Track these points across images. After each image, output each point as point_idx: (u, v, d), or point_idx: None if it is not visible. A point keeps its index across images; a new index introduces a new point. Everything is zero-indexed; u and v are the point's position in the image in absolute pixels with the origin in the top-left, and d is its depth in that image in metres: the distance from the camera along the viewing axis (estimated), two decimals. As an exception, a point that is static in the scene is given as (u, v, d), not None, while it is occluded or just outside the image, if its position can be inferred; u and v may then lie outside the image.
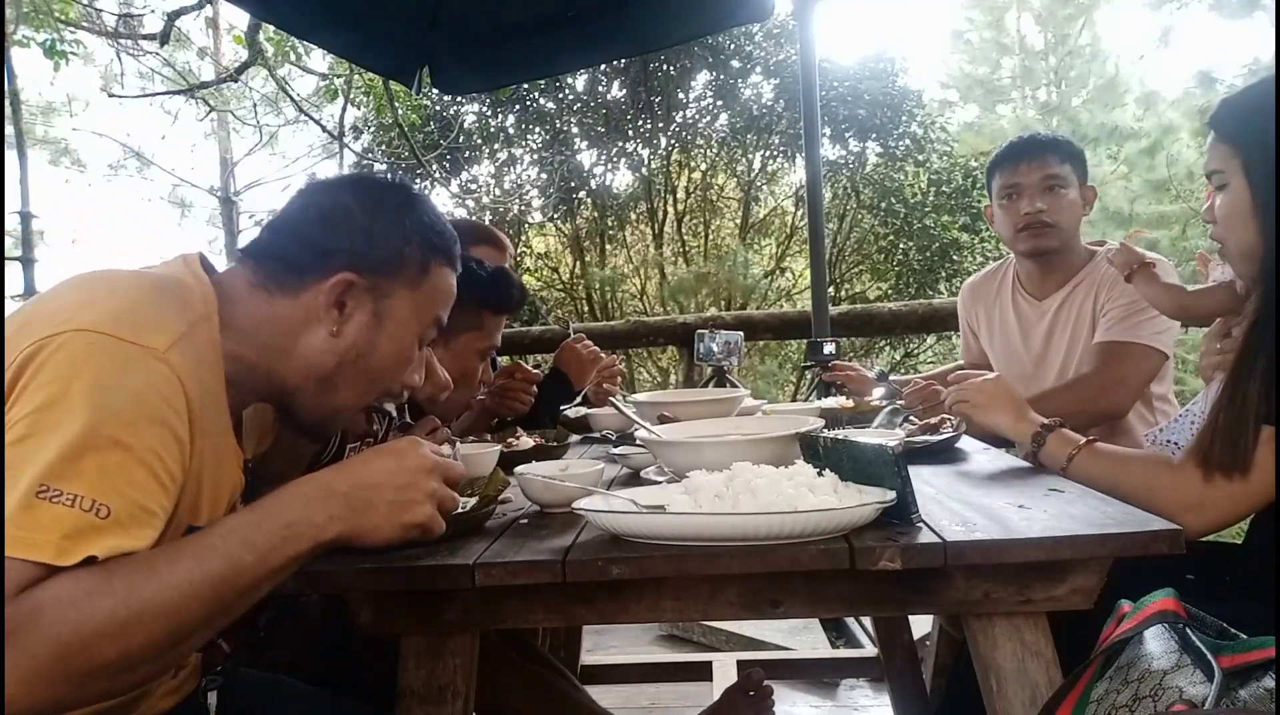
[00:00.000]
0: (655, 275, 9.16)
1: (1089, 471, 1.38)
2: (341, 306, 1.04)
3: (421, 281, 1.09)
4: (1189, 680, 0.88)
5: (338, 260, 1.04)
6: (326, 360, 1.05)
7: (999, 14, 17.66)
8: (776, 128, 8.37)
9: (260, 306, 1.04)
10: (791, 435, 1.32)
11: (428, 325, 1.12)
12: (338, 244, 1.04)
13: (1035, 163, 2.12)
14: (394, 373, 1.11)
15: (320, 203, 1.08)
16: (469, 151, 8.78)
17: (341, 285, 1.03)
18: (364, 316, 1.06)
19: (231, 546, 0.84)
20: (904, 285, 8.17)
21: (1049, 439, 1.45)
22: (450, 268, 1.14)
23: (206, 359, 0.95)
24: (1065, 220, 2.10)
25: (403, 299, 1.08)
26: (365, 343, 1.06)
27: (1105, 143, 12.58)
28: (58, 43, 6.47)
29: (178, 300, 0.95)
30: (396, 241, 1.07)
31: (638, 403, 1.93)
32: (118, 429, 0.81)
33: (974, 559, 1.02)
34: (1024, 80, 17.40)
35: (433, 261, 1.10)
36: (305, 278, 1.04)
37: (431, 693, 1.12)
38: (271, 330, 1.04)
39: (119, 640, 0.76)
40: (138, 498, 0.82)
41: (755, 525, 1.01)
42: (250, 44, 6.63)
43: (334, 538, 0.90)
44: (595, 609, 1.12)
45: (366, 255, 1.05)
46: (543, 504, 1.30)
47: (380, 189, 1.11)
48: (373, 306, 1.06)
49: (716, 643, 3.23)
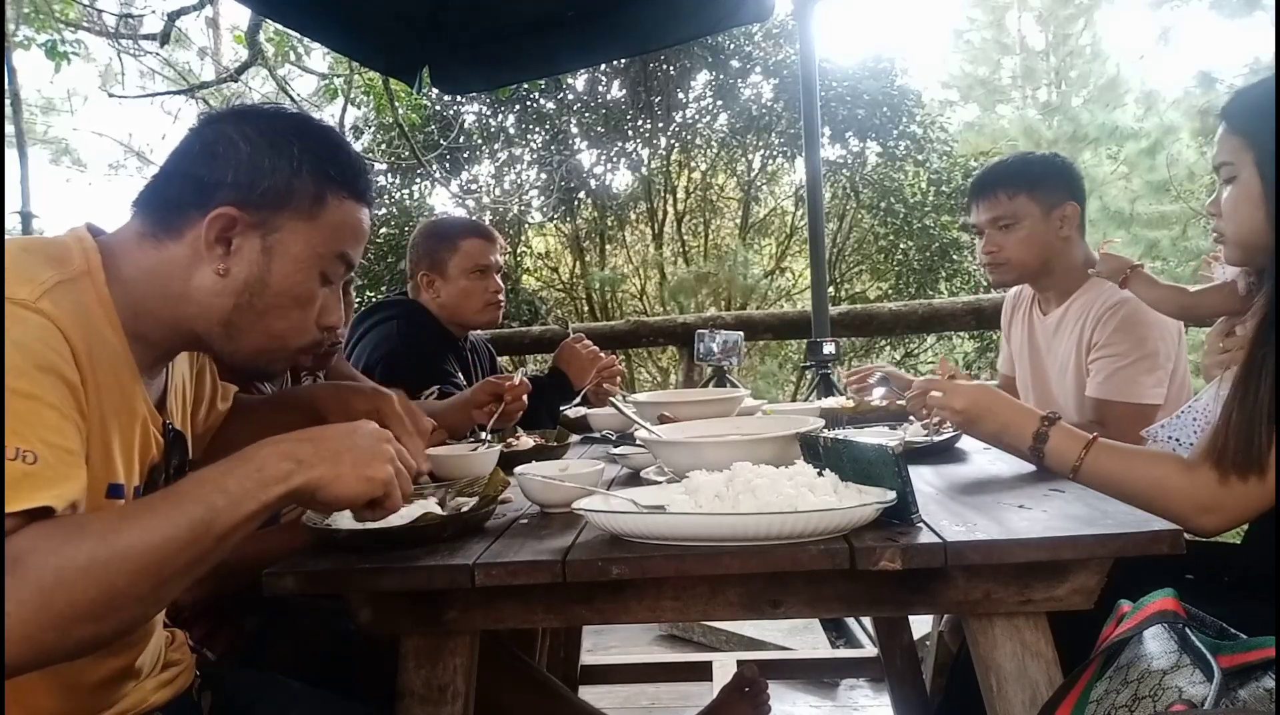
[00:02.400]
0: (655, 275, 9.16)
1: (1101, 469, 1.33)
2: (227, 244, 1.00)
3: (317, 213, 1.03)
4: (1189, 680, 0.88)
5: (220, 194, 0.99)
6: (222, 302, 1.01)
7: (999, 14, 17.67)
8: (776, 128, 8.38)
9: (148, 254, 1.00)
10: (791, 435, 1.32)
11: (330, 261, 1.06)
12: (219, 177, 0.99)
13: (984, 203, 2.12)
14: (298, 311, 1.06)
15: (204, 136, 1.03)
16: (469, 151, 8.79)
17: (222, 220, 0.99)
18: (252, 253, 1.01)
19: (204, 493, 0.85)
20: (904, 285, 8.17)
21: (1052, 434, 1.38)
22: (355, 201, 1.08)
23: (92, 312, 0.94)
24: (1019, 255, 2.08)
25: (295, 233, 1.02)
26: (257, 281, 1.01)
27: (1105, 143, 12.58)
28: (59, 44, 6.46)
29: (47, 256, 0.94)
30: (284, 172, 1.01)
31: (638, 403, 1.93)
32: (13, 379, 0.81)
33: (974, 559, 1.02)
34: (1024, 80, 17.41)
35: (329, 193, 1.04)
36: (189, 217, 0.99)
37: (431, 693, 1.12)
38: (163, 277, 1.00)
39: (100, 579, 0.77)
40: (57, 440, 0.83)
41: (755, 525, 1.01)
42: (250, 44, 6.62)
43: (302, 484, 0.90)
44: (595, 609, 1.12)
45: (249, 187, 1.00)
46: (543, 504, 1.30)
47: (268, 118, 1.05)
48: (260, 242, 1.01)
49: (716, 643, 3.23)
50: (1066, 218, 2.06)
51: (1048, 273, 2.12)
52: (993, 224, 2.10)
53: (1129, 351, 1.90)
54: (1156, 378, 1.90)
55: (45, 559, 0.75)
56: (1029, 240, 2.07)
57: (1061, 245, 2.08)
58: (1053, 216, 2.06)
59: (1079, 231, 2.10)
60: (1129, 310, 1.93)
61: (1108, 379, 1.93)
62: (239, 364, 1.10)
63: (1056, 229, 2.06)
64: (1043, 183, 2.07)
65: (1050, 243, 2.07)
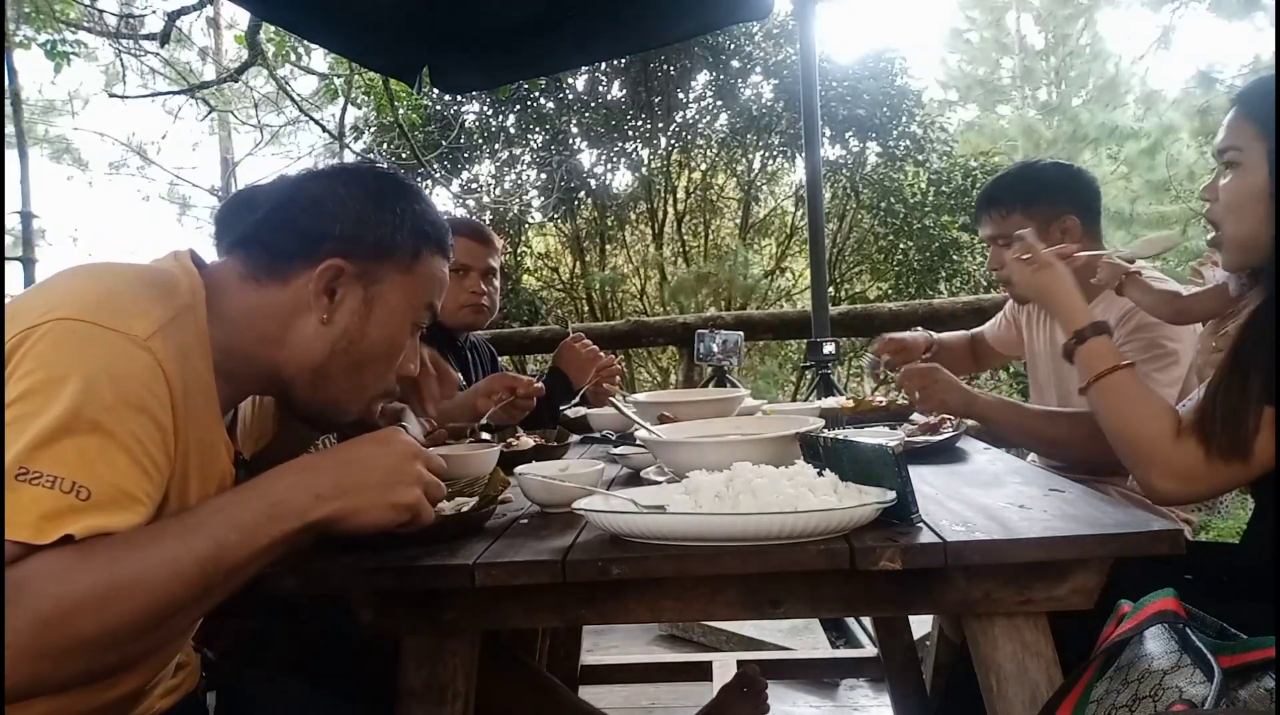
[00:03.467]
0: (655, 275, 9.17)
1: (1113, 393, 1.33)
2: (332, 293, 1.04)
3: (413, 267, 1.09)
4: (1189, 680, 0.88)
5: (327, 246, 1.03)
6: (319, 347, 1.04)
7: (999, 13, 17.66)
8: (776, 128, 8.38)
9: (250, 296, 1.03)
10: (791, 435, 1.32)
11: (420, 313, 1.12)
12: (328, 230, 1.04)
13: (983, 219, 2.11)
14: (386, 360, 1.10)
15: (310, 190, 1.07)
16: (469, 151, 8.79)
17: (331, 271, 1.03)
18: (355, 303, 1.05)
19: (216, 525, 0.84)
20: (904, 285, 8.17)
21: (1098, 339, 1.39)
22: (442, 256, 1.14)
23: (193, 349, 0.95)
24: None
25: (394, 285, 1.07)
26: (356, 330, 1.06)
27: (1105, 143, 12.58)
28: (59, 44, 6.47)
29: (162, 290, 0.95)
30: (387, 228, 1.06)
31: (638, 403, 1.93)
32: (98, 413, 0.81)
33: (974, 559, 1.02)
34: (1024, 80, 17.40)
35: (424, 249, 1.10)
36: (295, 265, 1.03)
37: (431, 693, 1.12)
38: (262, 320, 1.03)
39: (99, 614, 0.76)
40: (119, 482, 0.82)
41: (755, 525, 1.01)
42: (251, 44, 6.63)
43: (322, 518, 0.90)
44: (595, 609, 1.12)
45: (357, 241, 1.04)
46: (543, 504, 1.30)
47: (371, 177, 1.11)
48: (363, 293, 1.06)
49: (716, 643, 3.23)
50: (1067, 230, 1.98)
51: None
52: (993, 242, 2.08)
53: (1145, 348, 1.88)
54: (1172, 377, 1.88)
55: (45, 586, 0.75)
56: None
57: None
58: (1051, 231, 1.99)
59: (1087, 240, 2.02)
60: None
61: None
62: (313, 411, 1.12)
63: (1057, 242, 1.96)
64: (1038, 197, 2.01)
65: None
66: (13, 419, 0.79)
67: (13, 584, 0.74)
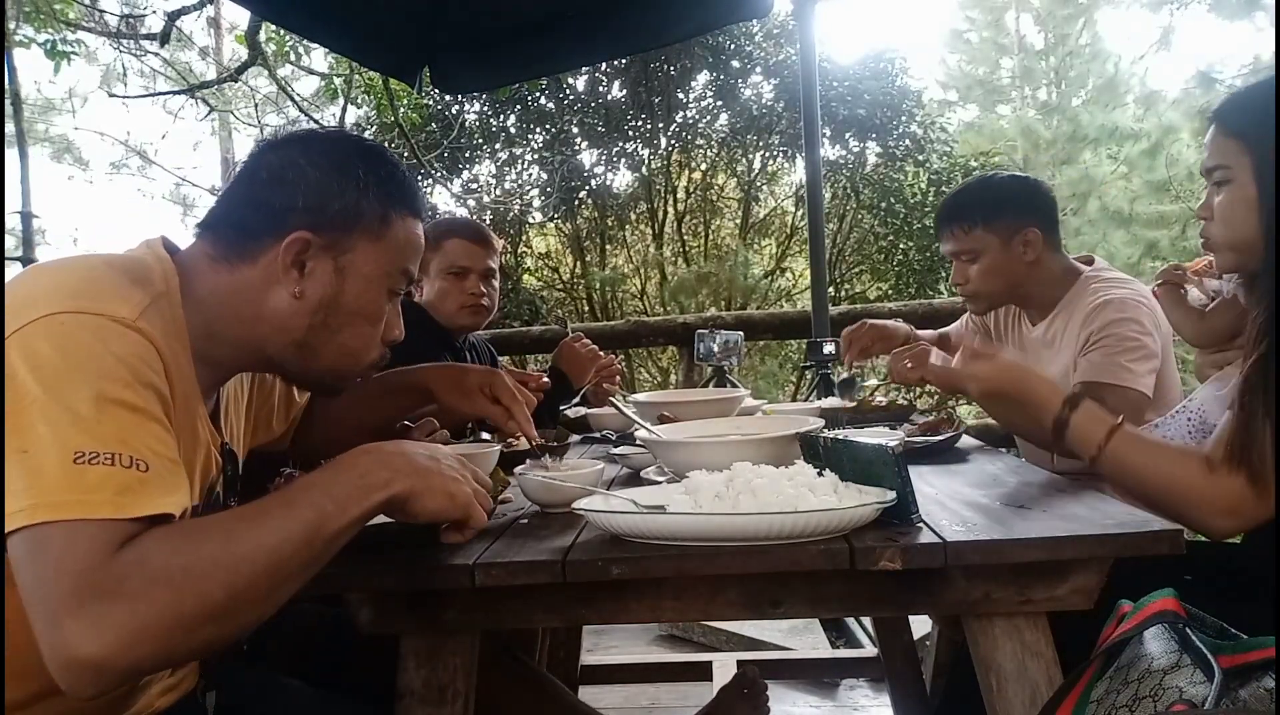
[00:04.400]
0: (655, 275, 9.17)
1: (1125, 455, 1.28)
2: (301, 267, 1.03)
3: (383, 233, 1.07)
4: (1189, 680, 0.88)
5: (292, 219, 1.02)
6: (296, 322, 1.04)
7: (998, 14, 17.66)
8: (776, 128, 8.38)
9: (222, 277, 1.02)
10: (791, 435, 1.32)
11: (396, 277, 1.10)
12: (291, 203, 1.02)
13: (945, 236, 2.12)
14: (368, 328, 1.10)
15: (271, 163, 1.05)
16: (470, 151, 8.78)
17: (298, 244, 1.01)
18: (326, 274, 1.04)
19: (314, 498, 0.88)
20: (904, 285, 8.17)
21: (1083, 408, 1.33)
22: (414, 217, 1.12)
23: (172, 333, 0.96)
24: (985, 287, 2.08)
25: (365, 253, 1.06)
26: (330, 301, 1.05)
27: (1105, 143, 12.59)
28: (59, 43, 6.46)
29: (135, 276, 0.95)
30: (352, 195, 1.04)
31: (638, 403, 1.93)
32: (119, 391, 0.83)
33: (974, 559, 1.02)
34: (1024, 80, 17.40)
35: (393, 213, 1.08)
36: (262, 242, 1.02)
37: (431, 693, 1.12)
38: (236, 300, 1.03)
39: (224, 580, 0.79)
40: (162, 451, 0.85)
41: (755, 525, 1.01)
42: (251, 44, 6.62)
43: (399, 492, 0.93)
44: (595, 609, 1.12)
45: (322, 211, 1.03)
46: (543, 504, 1.30)
47: (331, 143, 1.09)
48: (334, 263, 1.04)
49: (716, 643, 3.23)
50: (1029, 243, 2.02)
51: (1023, 293, 2.11)
52: (955, 257, 2.10)
53: (1119, 341, 1.90)
54: (1148, 367, 1.89)
55: (173, 559, 0.77)
56: (991, 271, 2.05)
57: (1029, 269, 2.05)
58: (1013, 244, 2.02)
59: (1050, 249, 2.06)
60: (1117, 305, 1.93)
61: (1095, 364, 1.92)
62: (310, 382, 1.15)
63: (1020, 256, 2.03)
64: (999, 212, 2.03)
65: (1015, 270, 2.05)
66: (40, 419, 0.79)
67: (136, 558, 0.76)
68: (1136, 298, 1.96)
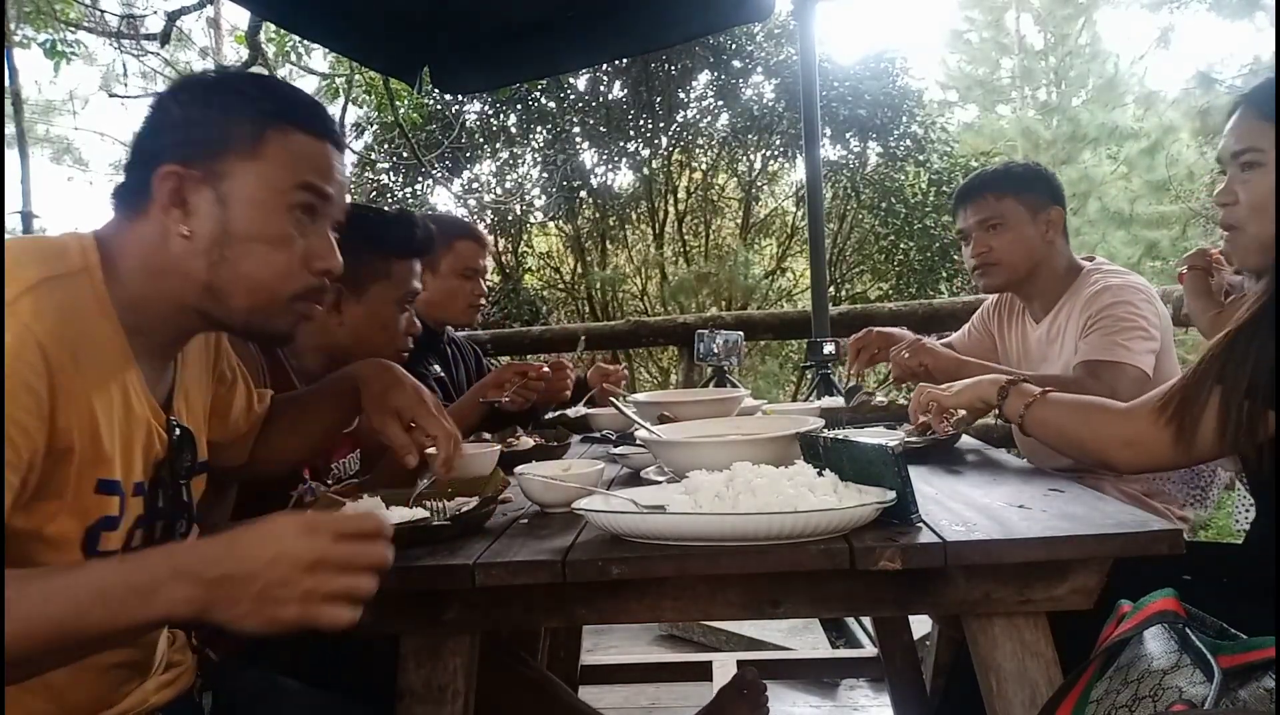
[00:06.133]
0: (656, 275, 9.16)
1: (1044, 417, 1.44)
2: (183, 205, 0.99)
3: (260, 151, 1.01)
4: (1189, 680, 0.88)
5: (161, 158, 0.98)
6: (195, 264, 1.00)
7: (998, 14, 17.65)
8: (777, 128, 8.37)
9: (128, 240, 1.01)
10: (791, 435, 1.32)
11: (292, 194, 1.03)
12: (160, 143, 1.00)
13: (972, 206, 2.15)
14: (275, 254, 1.03)
15: (147, 115, 1.04)
16: (471, 151, 8.77)
17: (170, 180, 0.98)
18: (208, 206, 0.99)
19: (83, 595, 0.80)
20: (904, 285, 8.17)
21: (1011, 392, 1.50)
22: (300, 129, 1.04)
23: (86, 310, 0.94)
24: (1010, 257, 2.10)
25: (244, 174, 1.00)
26: (221, 233, 1.00)
27: (1105, 143, 12.59)
28: (59, 43, 6.46)
29: (37, 254, 0.94)
30: (219, 120, 1.00)
31: (638, 403, 1.93)
32: None
33: (974, 559, 1.02)
34: (1023, 80, 17.40)
35: (270, 128, 1.02)
36: (144, 191, 1.00)
37: (431, 693, 1.12)
38: (143, 258, 1.00)
39: None
40: None
41: (755, 525, 1.01)
42: (251, 44, 6.62)
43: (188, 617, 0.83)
44: (595, 609, 1.12)
45: (188, 143, 0.99)
46: (543, 504, 1.31)
47: (198, 78, 1.06)
48: (213, 193, 0.99)
49: (716, 643, 3.23)
50: (1051, 221, 2.09)
51: (1033, 278, 2.13)
52: (981, 226, 2.12)
53: (1115, 321, 1.93)
54: (1146, 347, 1.92)
55: None
56: (1017, 241, 2.10)
57: (1047, 249, 2.10)
58: (1039, 219, 2.09)
59: (1063, 237, 2.13)
60: (1115, 290, 1.97)
61: (1093, 345, 1.95)
62: (242, 328, 1.08)
63: (1043, 232, 2.09)
64: (1028, 187, 2.11)
65: (1037, 245, 2.10)
66: None
67: None
68: (1135, 284, 2.00)
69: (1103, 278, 2.03)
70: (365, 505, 1.23)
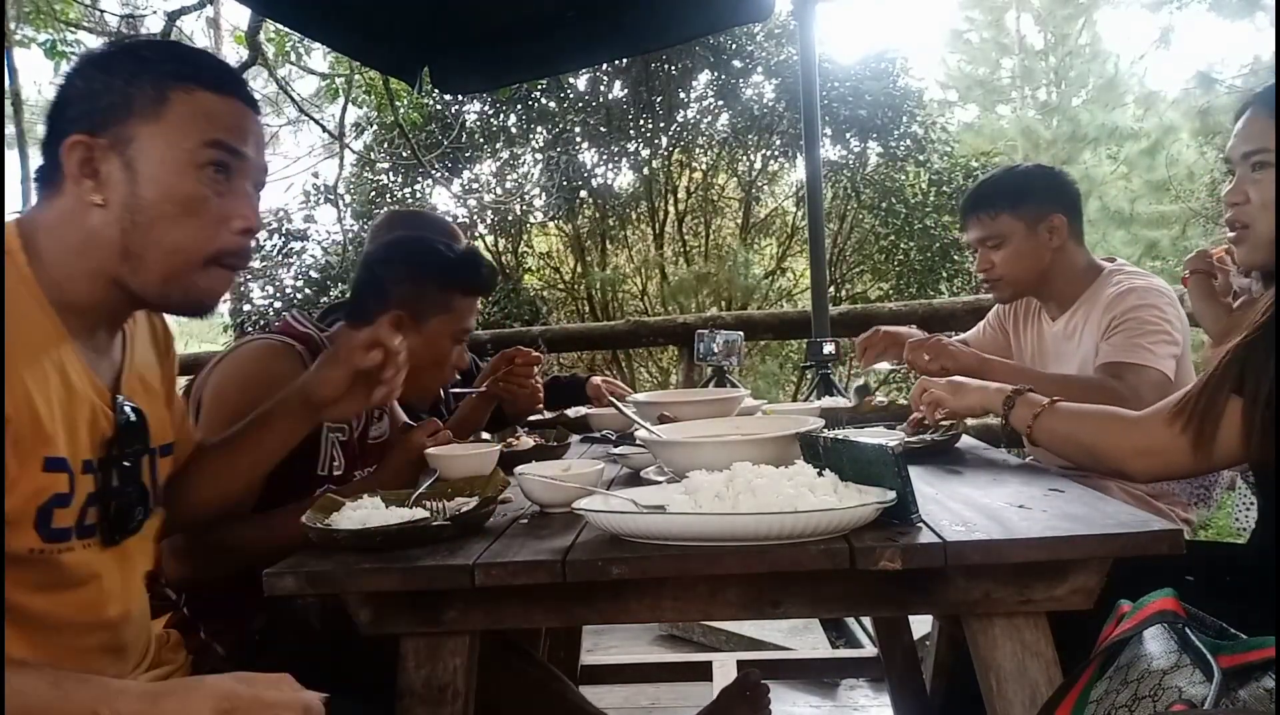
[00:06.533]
0: (656, 275, 9.15)
1: (1052, 427, 1.44)
2: (94, 174, 1.00)
3: (163, 112, 1.01)
4: (1188, 680, 0.88)
5: (68, 131, 1.00)
6: (110, 233, 1.01)
7: (999, 14, 17.66)
8: (777, 128, 8.37)
9: (49, 219, 1.02)
10: (791, 435, 1.32)
11: (201, 152, 1.03)
12: (66, 116, 1.01)
13: (972, 224, 2.14)
14: (188, 216, 1.03)
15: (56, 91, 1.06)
16: (471, 151, 8.77)
17: (77, 149, 0.99)
18: (118, 173, 1.00)
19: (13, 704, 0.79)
20: (904, 285, 8.16)
21: (1018, 402, 1.50)
22: (206, 89, 1.04)
23: (11, 292, 0.95)
24: (1010, 272, 2.09)
25: (150, 137, 1.01)
26: (132, 197, 1.00)
27: (1105, 143, 12.59)
28: (59, 43, 6.46)
29: None
30: (117, 85, 1.01)
31: (638, 403, 1.93)
32: None
33: (974, 559, 1.02)
34: (1024, 80, 17.40)
35: (172, 89, 1.02)
36: (57, 167, 1.01)
37: (431, 693, 1.12)
38: (63, 236, 1.01)
39: None
40: None
41: (755, 525, 1.01)
42: (251, 44, 6.62)
43: None
44: (595, 609, 1.12)
45: (92, 113, 1.00)
46: (543, 504, 1.30)
47: (106, 50, 1.07)
48: (120, 159, 1.00)
49: (716, 643, 3.23)
50: (1054, 229, 2.05)
51: (1046, 283, 2.12)
52: (982, 243, 2.12)
53: (1140, 323, 1.91)
54: (1169, 351, 1.91)
55: None
56: (1017, 256, 2.08)
57: (1054, 256, 2.07)
58: (1039, 229, 2.06)
59: (1074, 239, 2.09)
60: (1140, 292, 1.95)
61: (1116, 346, 1.93)
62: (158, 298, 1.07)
63: (1046, 242, 2.06)
64: (1025, 198, 2.07)
65: (1040, 256, 2.07)
66: None
67: None
68: (1158, 287, 1.99)
69: (1126, 279, 2.01)
70: (365, 505, 1.23)
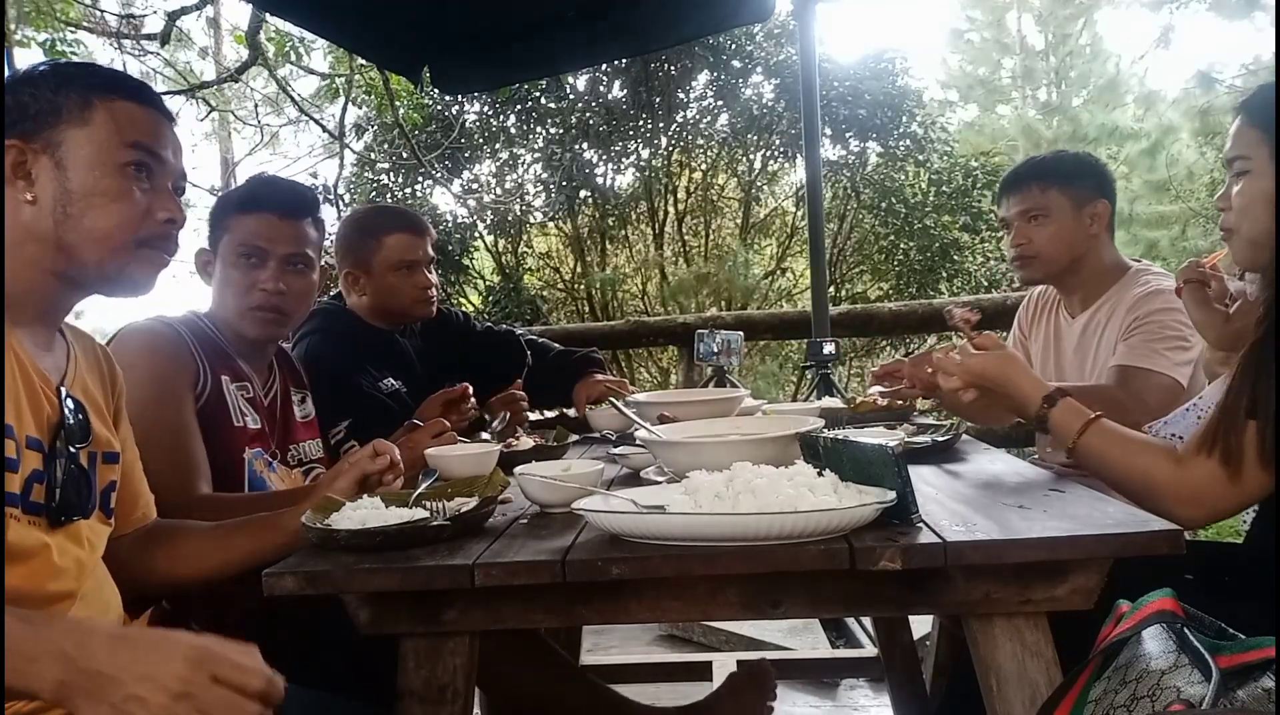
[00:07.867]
0: (656, 275, 9.16)
1: (1099, 448, 1.36)
2: (28, 177, 1.11)
3: (89, 117, 1.14)
4: (1187, 680, 0.88)
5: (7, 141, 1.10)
6: (42, 225, 1.11)
7: (999, 14, 17.65)
8: (777, 128, 8.37)
9: None
10: (791, 435, 1.32)
11: (123, 151, 1.15)
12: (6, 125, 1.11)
13: (1015, 196, 2.12)
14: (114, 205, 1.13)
15: None
16: (470, 151, 8.78)
17: (12, 152, 1.10)
18: (48, 173, 1.12)
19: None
20: (904, 285, 8.17)
21: (1061, 405, 1.40)
22: (126, 98, 1.17)
23: None
24: (1049, 250, 2.08)
25: (76, 140, 1.13)
26: (61, 191, 1.12)
27: (1105, 143, 12.59)
28: (59, 43, 6.46)
29: None
30: (46, 95, 1.13)
31: (638, 403, 1.93)
32: None
33: (974, 559, 1.02)
34: (1024, 80, 17.40)
35: (95, 97, 1.15)
36: None
37: (431, 693, 1.12)
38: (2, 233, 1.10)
39: None
40: None
41: (755, 525, 1.01)
42: (251, 44, 6.62)
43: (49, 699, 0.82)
44: (595, 609, 1.12)
45: (25, 122, 1.12)
46: (543, 504, 1.30)
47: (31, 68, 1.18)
48: (52, 161, 1.12)
49: (716, 643, 3.23)
50: (1097, 215, 2.06)
51: (1075, 272, 2.11)
52: (1023, 217, 2.09)
53: (1160, 327, 1.91)
54: (1184, 358, 1.90)
55: None
56: (1059, 235, 2.07)
57: (1090, 243, 2.07)
58: (1084, 212, 2.06)
59: (1108, 232, 2.09)
60: (1166, 296, 1.94)
61: (1133, 348, 1.93)
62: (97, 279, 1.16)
63: (1087, 226, 2.06)
64: (1076, 178, 2.08)
65: (1080, 239, 2.07)
66: None
67: None
68: None
69: (1155, 280, 2.00)
70: (365, 505, 1.23)
